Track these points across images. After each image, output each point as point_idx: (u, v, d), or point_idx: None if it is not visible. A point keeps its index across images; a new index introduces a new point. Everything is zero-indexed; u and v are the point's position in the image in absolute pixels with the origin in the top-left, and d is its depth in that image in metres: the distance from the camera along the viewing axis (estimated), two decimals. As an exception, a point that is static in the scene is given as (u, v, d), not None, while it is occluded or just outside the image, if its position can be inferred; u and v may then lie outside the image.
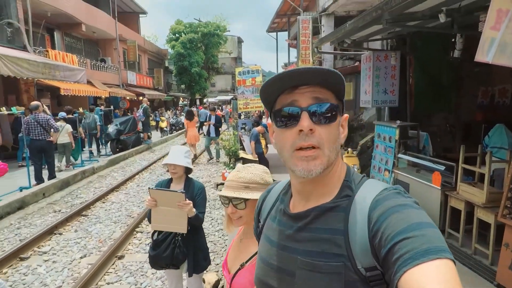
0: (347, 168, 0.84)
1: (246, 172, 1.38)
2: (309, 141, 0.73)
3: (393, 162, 5.67)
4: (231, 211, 1.34)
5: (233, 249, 1.49)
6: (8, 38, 10.74)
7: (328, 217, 0.76)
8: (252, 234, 1.38)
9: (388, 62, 6.21)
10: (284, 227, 0.84)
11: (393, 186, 0.75)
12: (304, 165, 0.74)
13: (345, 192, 0.78)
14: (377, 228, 0.66)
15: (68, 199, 6.93)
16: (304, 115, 0.73)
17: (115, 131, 11.49)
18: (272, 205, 0.96)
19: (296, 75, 0.73)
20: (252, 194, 1.33)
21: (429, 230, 0.61)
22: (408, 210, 0.66)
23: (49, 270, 3.99)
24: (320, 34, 11.61)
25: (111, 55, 20.44)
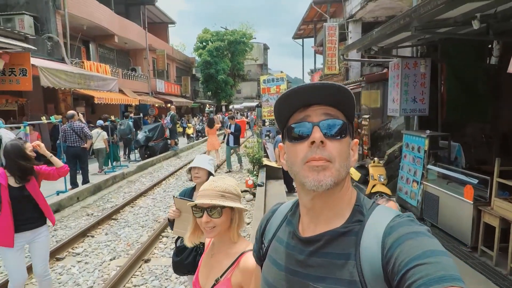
0: (358, 193, 0.84)
1: (221, 182, 1.39)
2: (320, 154, 0.74)
3: (422, 173, 5.49)
4: (206, 220, 1.31)
5: (204, 266, 1.46)
6: (48, 51, 11.47)
7: (341, 241, 0.75)
8: (225, 248, 1.40)
9: (417, 69, 6.05)
10: (293, 251, 0.82)
11: (405, 214, 0.75)
12: (315, 175, 0.73)
13: (356, 217, 0.78)
14: (391, 254, 0.66)
15: (100, 203, 7.24)
16: (316, 128, 0.75)
17: (144, 138, 11.89)
18: (278, 226, 0.94)
19: (309, 90, 0.76)
20: (228, 203, 1.33)
21: (444, 258, 0.62)
22: (422, 237, 0.66)
23: (81, 271, 4.19)
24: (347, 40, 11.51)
25: (141, 64, 21.25)
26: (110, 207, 6.80)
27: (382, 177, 6.25)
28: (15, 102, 10.23)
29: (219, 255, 1.41)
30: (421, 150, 5.54)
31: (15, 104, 10.36)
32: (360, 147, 8.70)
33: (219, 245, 1.42)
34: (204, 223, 1.32)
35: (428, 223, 5.27)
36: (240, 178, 9.22)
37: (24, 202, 2.98)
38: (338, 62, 10.99)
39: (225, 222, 1.35)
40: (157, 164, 12.05)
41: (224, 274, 1.35)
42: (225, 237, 1.40)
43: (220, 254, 1.40)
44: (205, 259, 1.47)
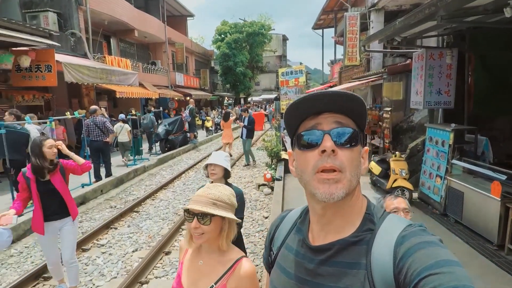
0: (368, 201, 0.83)
1: (215, 190, 1.39)
2: (331, 163, 0.73)
3: (446, 168, 5.31)
4: (195, 226, 1.32)
5: (190, 272, 1.43)
6: (72, 47, 11.78)
7: (351, 250, 0.75)
8: (215, 256, 1.40)
9: (443, 60, 5.81)
10: (303, 260, 0.81)
11: (417, 223, 0.75)
12: (326, 188, 0.73)
13: (367, 225, 0.77)
14: (403, 264, 0.66)
15: (122, 195, 7.45)
16: (327, 137, 0.75)
17: (164, 131, 12.08)
18: (287, 233, 0.93)
19: (320, 98, 0.75)
20: (218, 211, 1.33)
21: (457, 269, 0.61)
22: (434, 247, 0.66)
23: (106, 262, 4.34)
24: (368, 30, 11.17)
25: (161, 58, 21.50)
26: (132, 200, 6.99)
27: (403, 172, 6.09)
28: (41, 97, 10.61)
29: (210, 262, 1.40)
30: (446, 144, 5.36)
31: (42, 99, 10.74)
32: (381, 140, 8.51)
33: (208, 252, 1.42)
34: (193, 228, 1.32)
35: (451, 219, 5.13)
36: (258, 172, 9.24)
37: (50, 194, 3.18)
38: (359, 53, 10.70)
39: (214, 230, 1.35)
40: (177, 157, 12.25)
41: (220, 281, 1.35)
42: (214, 245, 1.40)
43: (211, 261, 1.40)
44: (191, 265, 1.45)
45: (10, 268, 4.23)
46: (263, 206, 6.43)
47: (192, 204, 1.34)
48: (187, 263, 1.46)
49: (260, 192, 7.28)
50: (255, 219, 5.73)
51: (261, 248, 4.64)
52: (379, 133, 8.75)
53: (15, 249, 4.73)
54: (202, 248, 1.44)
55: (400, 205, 2.04)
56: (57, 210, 3.25)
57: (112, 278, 3.96)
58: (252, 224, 5.53)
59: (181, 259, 1.50)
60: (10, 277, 3.99)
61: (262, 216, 5.84)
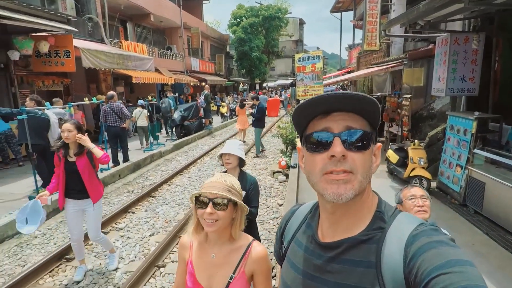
0: (379, 198, 0.82)
1: (229, 178, 1.41)
2: (341, 167, 0.72)
3: (468, 158, 5.15)
4: (210, 211, 1.28)
5: (204, 268, 1.40)
6: (89, 32, 11.88)
7: (361, 249, 0.74)
8: (226, 245, 1.39)
9: (468, 45, 5.54)
10: (312, 256, 0.82)
11: (429, 222, 0.74)
12: (334, 188, 0.72)
13: (377, 223, 0.76)
14: (413, 264, 0.65)
15: (140, 180, 7.61)
16: (337, 140, 0.73)
17: (179, 117, 12.18)
18: (297, 227, 0.93)
19: (332, 100, 0.72)
20: (234, 197, 1.34)
21: (468, 268, 0.60)
22: (445, 247, 0.65)
23: (124, 245, 4.47)
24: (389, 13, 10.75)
25: (176, 43, 21.46)
26: (148, 185, 7.13)
27: (422, 160, 5.95)
28: (60, 82, 10.83)
29: (223, 253, 1.39)
30: (468, 133, 5.18)
31: (61, 85, 10.97)
32: (399, 128, 8.30)
33: (218, 244, 1.40)
34: (207, 214, 1.29)
35: (471, 209, 5.02)
36: (274, 159, 9.22)
37: (72, 175, 3.40)
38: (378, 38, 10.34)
39: (227, 218, 1.34)
40: (192, 143, 12.35)
41: (237, 269, 1.36)
42: (224, 235, 1.39)
43: (224, 252, 1.39)
44: (202, 261, 1.41)
45: (34, 249, 4.42)
46: (278, 193, 6.44)
47: (207, 189, 1.32)
48: (197, 260, 1.41)
49: (275, 179, 7.28)
50: (270, 206, 5.75)
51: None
52: (398, 120, 8.53)
53: (39, 231, 4.92)
54: (210, 242, 1.41)
55: (417, 193, 2.04)
56: (78, 190, 3.45)
57: (130, 261, 4.08)
58: (267, 211, 5.56)
59: (188, 257, 1.44)
60: (35, 257, 4.18)
61: (277, 204, 5.85)
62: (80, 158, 3.39)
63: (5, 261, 4.12)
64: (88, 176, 3.44)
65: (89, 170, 3.45)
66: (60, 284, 3.63)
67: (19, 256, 4.24)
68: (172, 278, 3.69)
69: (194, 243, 1.44)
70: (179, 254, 1.49)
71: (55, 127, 6.19)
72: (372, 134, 0.76)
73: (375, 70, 9.44)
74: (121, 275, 3.77)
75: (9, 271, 3.90)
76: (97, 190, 3.58)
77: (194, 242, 1.45)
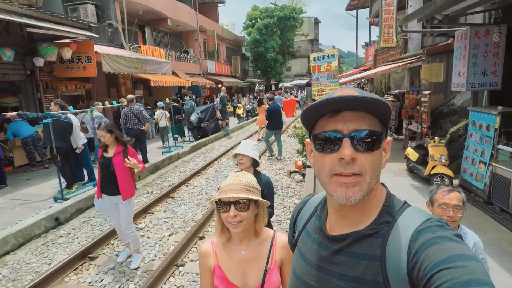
0: (387, 192, 0.82)
1: (244, 177, 1.40)
2: (350, 169, 0.72)
3: (491, 154, 4.98)
4: (234, 214, 1.31)
5: (236, 268, 1.41)
6: (109, 38, 12.24)
7: (366, 242, 0.75)
8: (253, 240, 1.42)
9: (489, 38, 5.36)
10: (319, 247, 0.83)
11: (436, 218, 0.73)
12: (343, 191, 0.72)
13: (384, 218, 0.76)
14: (417, 259, 0.65)
15: (158, 181, 7.77)
16: (346, 142, 0.72)
17: (196, 119, 12.35)
18: (308, 218, 0.95)
19: (342, 103, 0.72)
20: (254, 196, 1.35)
21: (472, 263, 0.59)
22: (449, 242, 0.64)
23: (144, 245, 4.58)
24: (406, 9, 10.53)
25: (193, 46, 21.76)
26: (167, 186, 7.27)
27: (443, 158, 5.80)
28: (82, 87, 11.21)
29: (251, 248, 1.42)
30: (491, 128, 5.01)
31: (83, 89, 11.35)
32: (418, 125, 8.11)
33: (245, 241, 1.43)
34: (231, 217, 1.31)
35: (496, 207, 4.86)
36: (290, 159, 9.19)
37: (107, 171, 3.72)
38: (395, 34, 10.14)
39: (251, 216, 1.37)
40: (209, 144, 12.49)
41: (269, 259, 1.39)
42: (250, 231, 1.42)
43: (253, 247, 1.42)
44: (232, 262, 1.42)
45: (59, 248, 4.60)
46: (295, 193, 6.42)
47: (226, 193, 1.33)
48: (226, 262, 1.42)
49: (292, 179, 7.26)
50: (287, 206, 5.75)
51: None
52: (417, 118, 8.33)
53: (64, 230, 5.12)
54: (235, 241, 1.43)
55: (451, 202, 1.84)
56: (110, 186, 3.76)
57: (150, 260, 4.18)
58: (284, 211, 5.56)
59: (214, 263, 1.43)
60: (60, 256, 4.35)
61: (294, 203, 5.84)
62: (117, 156, 3.71)
63: (32, 259, 4.31)
64: (121, 172, 3.71)
65: (123, 168, 3.71)
66: (84, 282, 3.77)
67: (45, 254, 4.42)
68: (191, 277, 3.75)
69: (217, 247, 1.45)
70: (201, 264, 1.47)
71: (77, 130, 6.42)
72: (382, 133, 0.75)
73: (392, 67, 9.26)
74: (142, 273, 3.87)
75: (36, 268, 4.07)
76: (129, 189, 3.83)
77: (217, 246, 1.46)
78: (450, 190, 1.90)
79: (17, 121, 7.63)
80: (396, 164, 7.55)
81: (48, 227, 5.11)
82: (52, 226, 5.18)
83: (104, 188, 3.82)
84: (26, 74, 8.82)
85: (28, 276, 3.90)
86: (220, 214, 1.36)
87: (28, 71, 8.80)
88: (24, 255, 4.41)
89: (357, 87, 26.69)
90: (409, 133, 9.00)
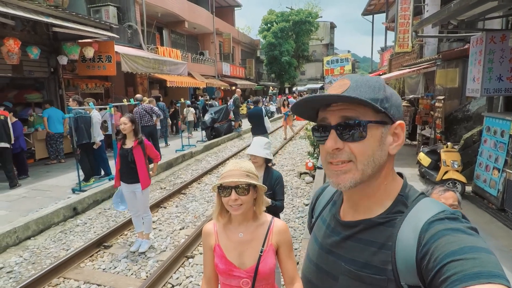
0: (404, 182, 0.82)
1: (244, 164, 1.50)
2: (338, 158, 0.75)
3: (506, 160, 4.93)
4: (235, 198, 1.40)
5: (233, 248, 1.50)
6: (129, 39, 12.60)
7: (377, 230, 0.76)
8: (251, 223, 1.52)
9: (505, 43, 5.32)
10: (332, 232, 0.86)
11: (450, 210, 0.70)
12: (334, 178, 0.76)
13: (398, 207, 0.76)
14: (426, 250, 0.65)
15: (171, 178, 7.95)
16: (332, 133, 0.75)
17: (210, 120, 12.54)
18: (325, 204, 0.98)
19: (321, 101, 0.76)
20: (254, 181, 1.46)
21: (483, 255, 0.58)
22: (460, 234, 0.63)
23: (156, 237, 4.74)
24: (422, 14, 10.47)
25: (209, 48, 22.09)
26: (179, 183, 7.44)
27: (456, 163, 5.76)
28: (102, 85, 11.56)
29: (249, 231, 1.52)
30: (505, 135, 4.96)
31: (102, 88, 11.71)
32: (432, 130, 8.04)
33: (243, 223, 1.52)
34: (232, 200, 1.41)
35: (510, 214, 4.79)
36: (301, 161, 9.24)
37: (126, 161, 4.02)
38: (411, 39, 10.09)
39: (251, 199, 1.48)
40: (222, 144, 12.66)
41: (265, 242, 1.49)
42: (249, 214, 1.52)
43: (250, 229, 1.52)
44: (230, 242, 1.52)
45: (76, 236, 4.81)
46: (304, 193, 6.49)
47: (227, 178, 1.43)
48: (225, 242, 1.52)
49: (302, 180, 7.33)
50: (296, 206, 5.82)
51: (300, 233, 4.74)
52: (431, 123, 8.26)
53: (81, 220, 5.33)
54: (234, 223, 1.53)
55: (447, 201, 1.87)
56: (129, 175, 4.05)
57: (161, 251, 4.32)
58: (293, 210, 5.63)
59: (215, 242, 1.54)
60: (77, 243, 4.55)
61: (303, 204, 5.91)
62: (136, 148, 3.99)
63: (51, 245, 4.53)
64: (140, 163, 3.99)
65: (142, 159, 4.00)
66: (98, 268, 3.94)
67: (63, 241, 4.64)
68: (200, 269, 3.88)
69: (218, 228, 1.56)
70: (204, 242, 1.58)
71: (96, 126, 6.68)
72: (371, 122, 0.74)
73: (406, 72, 9.22)
74: (153, 263, 4.01)
75: (54, 253, 4.28)
76: (146, 178, 4.10)
77: (218, 227, 1.56)
78: (445, 190, 1.93)
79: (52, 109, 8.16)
80: (408, 169, 7.51)
81: (67, 216, 5.34)
82: (70, 215, 5.41)
83: (123, 177, 4.12)
84: (49, 72, 9.19)
85: (47, 260, 4.11)
86: (221, 199, 1.47)
87: (51, 69, 9.18)
88: (43, 241, 4.64)
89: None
90: (422, 138, 8.92)
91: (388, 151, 0.77)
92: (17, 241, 4.53)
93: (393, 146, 0.77)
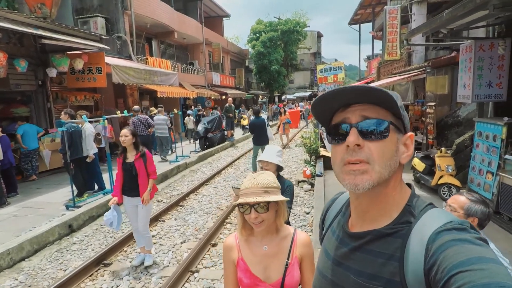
0: (412, 192, 0.82)
1: (261, 178, 1.45)
2: (357, 157, 0.74)
3: (499, 164, 5.06)
4: (255, 216, 1.38)
5: (258, 261, 1.48)
6: (118, 50, 12.50)
7: (385, 241, 0.75)
8: (275, 235, 1.50)
9: (494, 51, 5.50)
10: (340, 243, 0.85)
11: (458, 221, 0.69)
12: (351, 179, 0.74)
13: (405, 217, 0.76)
14: (434, 261, 0.64)
15: (167, 190, 7.84)
16: (353, 131, 0.74)
17: (203, 130, 12.48)
18: (335, 215, 0.97)
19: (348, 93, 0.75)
20: (272, 197, 1.41)
21: (492, 265, 0.56)
22: (468, 244, 0.62)
23: (157, 252, 4.63)
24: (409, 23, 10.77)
25: (198, 58, 22.11)
26: (176, 195, 7.33)
27: (450, 168, 5.88)
28: (91, 97, 11.39)
29: (273, 244, 1.49)
30: (497, 139, 5.10)
31: (92, 100, 11.53)
32: (424, 136, 8.21)
33: (267, 235, 1.50)
34: (253, 218, 1.39)
35: (505, 217, 4.89)
36: (297, 169, 9.26)
37: (130, 175, 3.98)
38: (399, 47, 10.36)
39: (272, 216, 1.44)
40: (216, 154, 12.59)
41: (290, 254, 1.47)
42: (272, 227, 1.49)
43: (275, 242, 1.49)
44: (254, 255, 1.49)
45: (74, 254, 4.66)
46: (304, 202, 6.48)
47: (244, 197, 1.40)
48: (249, 256, 1.49)
49: (300, 188, 7.33)
50: (297, 214, 5.80)
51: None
52: (422, 129, 8.44)
53: (77, 237, 5.18)
54: (258, 236, 1.50)
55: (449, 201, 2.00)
56: (131, 188, 4.01)
57: (164, 266, 4.23)
58: (294, 219, 5.61)
59: (238, 256, 1.51)
60: (75, 262, 4.40)
61: (304, 212, 5.90)
62: (138, 160, 3.95)
63: (47, 265, 4.37)
64: (142, 176, 3.95)
65: (143, 172, 3.96)
66: None
67: (60, 261, 4.48)
68: (206, 283, 3.80)
69: (240, 241, 1.53)
70: (225, 257, 1.55)
71: (90, 139, 6.54)
72: (391, 123, 0.75)
73: (397, 79, 9.42)
74: (157, 280, 3.91)
75: (52, 274, 4.13)
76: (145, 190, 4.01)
77: (240, 240, 1.53)
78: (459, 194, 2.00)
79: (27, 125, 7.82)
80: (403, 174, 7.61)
81: (62, 234, 5.17)
82: (66, 233, 5.25)
83: (126, 191, 4.08)
84: (37, 85, 9.01)
85: (44, 282, 3.95)
86: (242, 214, 1.44)
87: (39, 82, 9.00)
88: (39, 262, 4.47)
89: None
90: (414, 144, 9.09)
91: (400, 160, 0.78)
92: (11, 263, 4.34)
93: (405, 156, 0.78)
